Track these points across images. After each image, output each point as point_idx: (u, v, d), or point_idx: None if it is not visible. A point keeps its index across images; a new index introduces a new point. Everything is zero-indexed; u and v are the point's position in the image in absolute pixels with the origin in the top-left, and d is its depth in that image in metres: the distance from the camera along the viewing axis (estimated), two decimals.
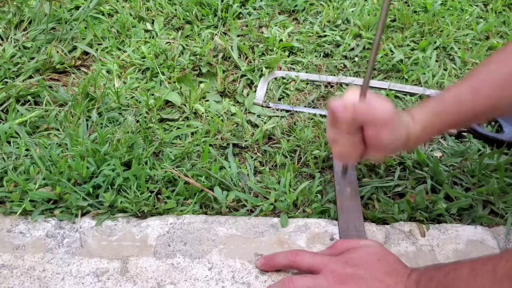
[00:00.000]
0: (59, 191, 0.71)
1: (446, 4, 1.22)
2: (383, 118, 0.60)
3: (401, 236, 0.68)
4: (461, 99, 0.64)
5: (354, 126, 0.61)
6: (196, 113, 0.90)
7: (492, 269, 0.46)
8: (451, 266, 0.52)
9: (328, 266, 0.59)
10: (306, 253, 0.62)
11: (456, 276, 0.50)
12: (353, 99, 0.60)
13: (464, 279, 0.49)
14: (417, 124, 0.64)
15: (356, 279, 0.57)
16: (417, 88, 0.96)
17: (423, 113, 0.64)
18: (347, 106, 0.60)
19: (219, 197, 0.72)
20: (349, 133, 0.62)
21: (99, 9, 1.16)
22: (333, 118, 0.62)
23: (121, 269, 0.63)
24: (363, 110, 0.60)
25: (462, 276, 0.49)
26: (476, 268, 0.48)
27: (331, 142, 0.66)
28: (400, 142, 0.62)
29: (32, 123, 0.85)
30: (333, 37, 1.10)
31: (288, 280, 0.59)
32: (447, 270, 0.52)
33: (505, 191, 0.73)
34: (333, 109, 0.61)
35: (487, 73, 0.65)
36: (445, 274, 0.51)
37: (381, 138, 0.61)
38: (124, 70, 1.00)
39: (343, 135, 0.63)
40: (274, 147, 0.83)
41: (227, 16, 1.15)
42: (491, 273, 0.46)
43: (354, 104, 0.60)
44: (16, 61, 0.98)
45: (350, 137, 0.63)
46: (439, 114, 0.64)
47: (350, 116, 0.60)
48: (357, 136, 0.63)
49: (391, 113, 0.60)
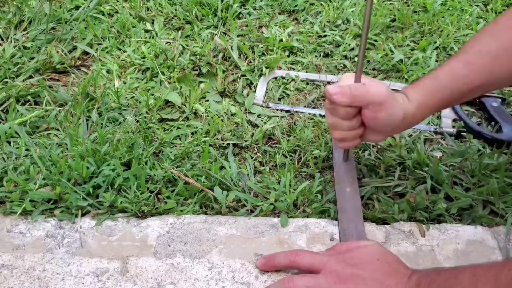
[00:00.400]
0: (59, 191, 0.71)
1: (446, 4, 1.22)
2: (379, 99, 0.62)
3: (401, 236, 0.68)
4: (455, 75, 0.65)
5: (352, 109, 0.63)
6: (196, 113, 0.90)
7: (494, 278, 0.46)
8: (452, 272, 0.52)
9: (328, 266, 0.59)
10: (306, 253, 0.62)
11: (457, 282, 0.50)
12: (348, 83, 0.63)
13: (465, 285, 0.49)
14: (412, 103, 0.64)
15: (356, 279, 0.57)
16: None
17: (417, 92, 0.65)
18: (343, 90, 0.62)
19: (219, 197, 0.72)
20: (347, 116, 0.64)
21: (99, 9, 1.16)
22: (331, 103, 0.64)
23: (121, 269, 0.63)
24: (359, 93, 0.62)
25: (463, 282, 0.49)
26: (477, 274, 0.48)
27: (331, 128, 0.68)
28: (397, 122, 0.64)
29: (32, 123, 0.85)
30: (333, 37, 1.10)
31: (288, 280, 0.59)
32: (448, 275, 0.51)
33: (505, 191, 0.73)
34: (330, 94, 0.63)
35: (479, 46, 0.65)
36: (446, 279, 0.51)
37: (378, 119, 0.63)
38: (124, 70, 1.00)
39: (342, 119, 0.65)
40: (274, 147, 0.83)
41: (227, 16, 1.15)
42: (493, 282, 0.46)
43: (350, 87, 0.62)
44: (16, 61, 0.98)
45: (349, 120, 0.65)
46: (433, 92, 0.65)
47: (347, 100, 0.62)
48: (356, 119, 0.65)
49: (387, 94, 0.62)
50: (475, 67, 0.64)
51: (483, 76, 0.65)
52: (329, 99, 0.64)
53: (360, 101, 0.62)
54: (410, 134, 0.86)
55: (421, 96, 0.65)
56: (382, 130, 0.66)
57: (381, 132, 0.67)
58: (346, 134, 0.67)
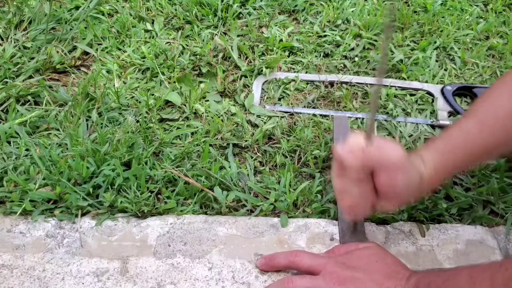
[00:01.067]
0: (59, 191, 0.71)
1: (446, 4, 1.22)
2: (396, 161, 0.55)
3: (401, 236, 0.68)
4: (468, 135, 0.61)
5: (365, 173, 0.56)
6: (196, 113, 0.90)
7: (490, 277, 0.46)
8: (450, 273, 0.52)
9: (327, 267, 0.59)
10: (306, 254, 0.62)
11: (455, 283, 0.50)
12: (359, 144, 0.55)
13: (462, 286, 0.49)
14: (427, 165, 0.59)
15: (355, 281, 0.57)
16: (417, 83, 0.97)
17: (431, 153, 0.60)
18: (354, 151, 0.55)
19: (219, 197, 0.72)
20: (359, 181, 0.57)
21: (99, 9, 1.16)
22: (341, 166, 0.57)
23: (121, 269, 0.63)
24: (374, 154, 0.55)
25: (460, 283, 0.49)
26: (474, 275, 0.48)
27: (340, 195, 0.60)
28: (414, 186, 0.57)
29: (32, 123, 0.85)
30: (333, 37, 1.10)
31: (287, 280, 0.59)
32: (446, 276, 0.51)
33: (505, 191, 0.73)
34: (340, 157, 0.56)
35: (490, 106, 0.62)
36: (444, 280, 0.51)
37: (395, 183, 0.56)
38: (124, 70, 1.00)
39: (353, 184, 0.57)
40: (274, 147, 0.83)
41: (227, 16, 1.15)
42: (489, 282, 0.46)
43: (363, 149, 0.55)
44: (16, 61, 0.98)
45: (360, 186, 0.57)
46: (448, 154, 0.60)
47: (359, 162, 0.55)
48: (369, 184, 0.57)
49: (403, 156, 0.55)
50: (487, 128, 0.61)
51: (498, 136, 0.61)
52: (338, 161, 0.57)
53: (375, 163, 0.55)
54: (410, 134, 0.86)
55: (436, 158, 0.60)
56: (398, 196, 0.58)
57: (396, 198, 0.58)
58: (358, 201, 0.59)
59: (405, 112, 0.91)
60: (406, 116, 0.90)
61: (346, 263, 0.59)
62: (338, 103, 0.94)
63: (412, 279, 0.55)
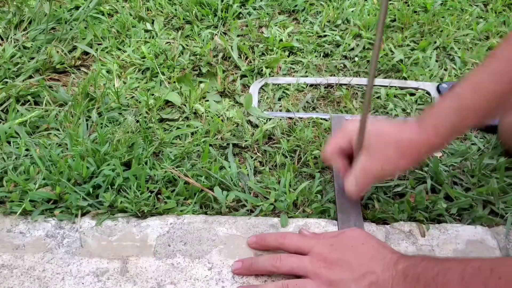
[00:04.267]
0: (59, 191, 0.71)
1: (446, 4, 1.22)
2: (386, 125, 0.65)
3: (401, 236, 0.68)
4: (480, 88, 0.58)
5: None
6: (196, 113, 0.90)
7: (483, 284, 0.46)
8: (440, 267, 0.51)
9: (315, 249, 0.60)
10: (295, 236, 0.64)
11: (446, 281, 0.49)
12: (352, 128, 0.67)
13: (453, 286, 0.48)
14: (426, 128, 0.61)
15: (341, 263, 0.58)
16: (416, 82, 0.97)
17: (432, 116, 0.61)
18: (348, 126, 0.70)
19: (219, 197, 0.72)
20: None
21: (99, 9, 1.16)
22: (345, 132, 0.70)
23: (121, 269, 0.63)
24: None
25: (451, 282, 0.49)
26: (466, 277, 0.48)
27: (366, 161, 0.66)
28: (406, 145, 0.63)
29: (32, 123, 0.85)
30: (333, 37, 1.10)
31: (276, 258, 0.61)
32: (436, 271, 0.51)
33: (505, 191, 0.73)
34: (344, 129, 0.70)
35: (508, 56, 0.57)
36: (433, 276, 0.50)
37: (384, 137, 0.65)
38: (124, 70, 1.00)
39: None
40: (274, 147, 0.83)
41: (227, 16, 1.15)
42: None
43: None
44: (16, 61, 0.98)
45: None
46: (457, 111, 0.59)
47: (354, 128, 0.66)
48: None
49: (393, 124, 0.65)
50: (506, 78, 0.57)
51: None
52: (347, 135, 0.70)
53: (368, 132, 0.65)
54: None
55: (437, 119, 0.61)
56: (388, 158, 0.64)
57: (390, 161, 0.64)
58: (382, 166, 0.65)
59: (405, 112, 0.91)
60: (406, 116, 0.90)
61: (333, 245, 0.60)
62: (338, 103, 0.94)
63: (400, 265, 0.55)
